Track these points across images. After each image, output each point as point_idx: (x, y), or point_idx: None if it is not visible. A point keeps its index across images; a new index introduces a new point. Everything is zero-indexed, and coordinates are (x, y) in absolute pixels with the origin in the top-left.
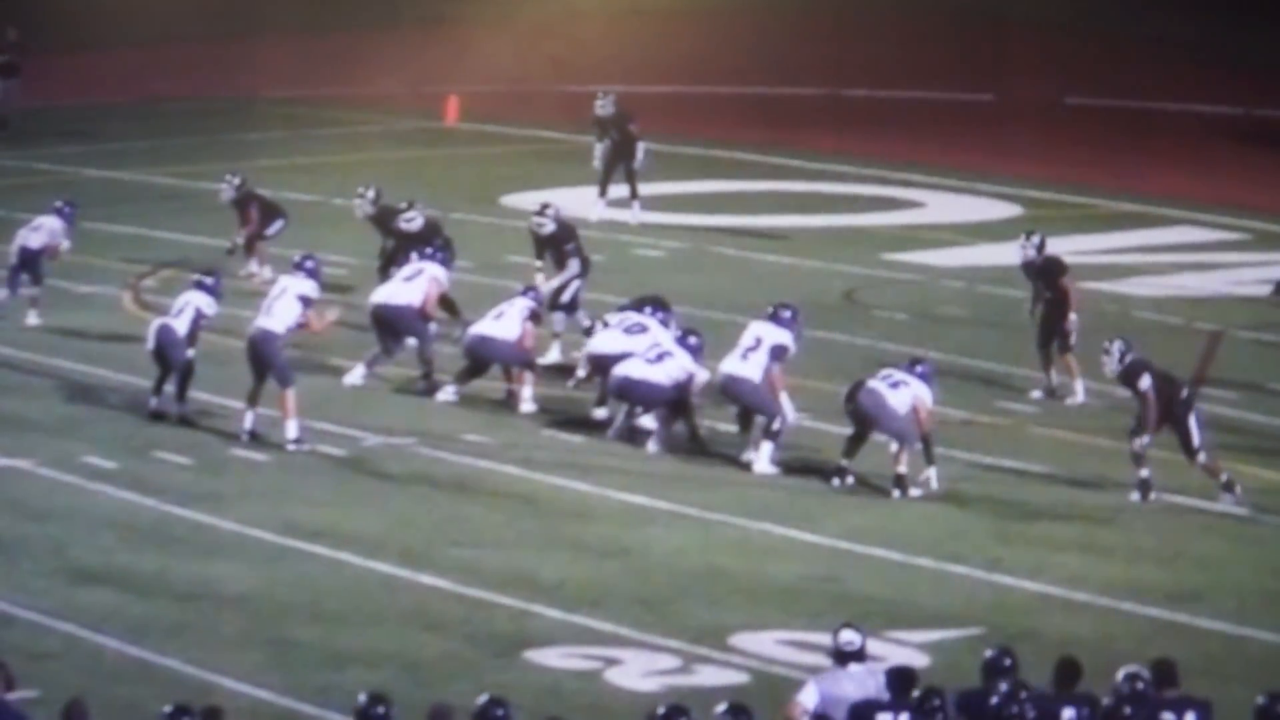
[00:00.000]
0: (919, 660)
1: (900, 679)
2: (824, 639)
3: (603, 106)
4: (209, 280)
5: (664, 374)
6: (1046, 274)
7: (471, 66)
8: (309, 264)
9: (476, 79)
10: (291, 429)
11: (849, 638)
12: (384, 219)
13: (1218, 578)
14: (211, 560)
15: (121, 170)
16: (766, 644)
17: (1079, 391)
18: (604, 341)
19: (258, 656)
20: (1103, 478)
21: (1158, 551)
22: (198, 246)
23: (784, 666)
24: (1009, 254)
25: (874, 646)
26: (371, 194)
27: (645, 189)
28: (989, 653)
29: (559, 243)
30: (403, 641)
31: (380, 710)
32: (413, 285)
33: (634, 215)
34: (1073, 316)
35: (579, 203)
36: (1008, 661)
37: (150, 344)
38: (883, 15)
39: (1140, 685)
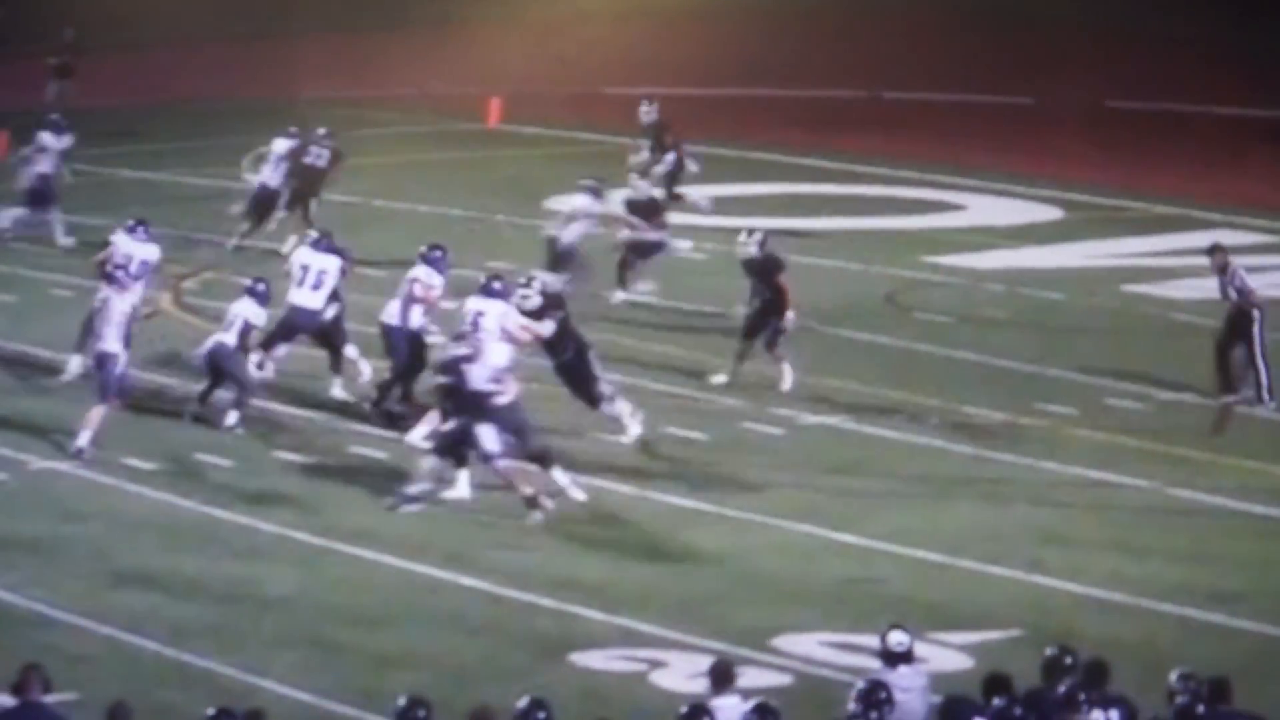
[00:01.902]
0: (962, 662)
1: (992, 685)
2: (866, 640)
3: (646, 114)
4: (259, 287)
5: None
6: (764, 272)
7: (503, 67)
8: (259, 287)
9: (512, 80)
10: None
11: (899, 639)
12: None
13: (1258, 578)
14: (252, 562)
15: (159, 171)
16: (809, 645)
17: (788, 379)
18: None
19: (299, 658)
20: (1140, 479)
21: (1196, 552)
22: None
23: (827, 668)
24: (1051, 257)
25: (917, 648)
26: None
27: (686, 190)
28: (1050, 651)
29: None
30: (444, 644)
31: (420, 714)
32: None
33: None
34: (790, 314)
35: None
36: (1069, 660)
37: (203, 360)
38: (921, 17)
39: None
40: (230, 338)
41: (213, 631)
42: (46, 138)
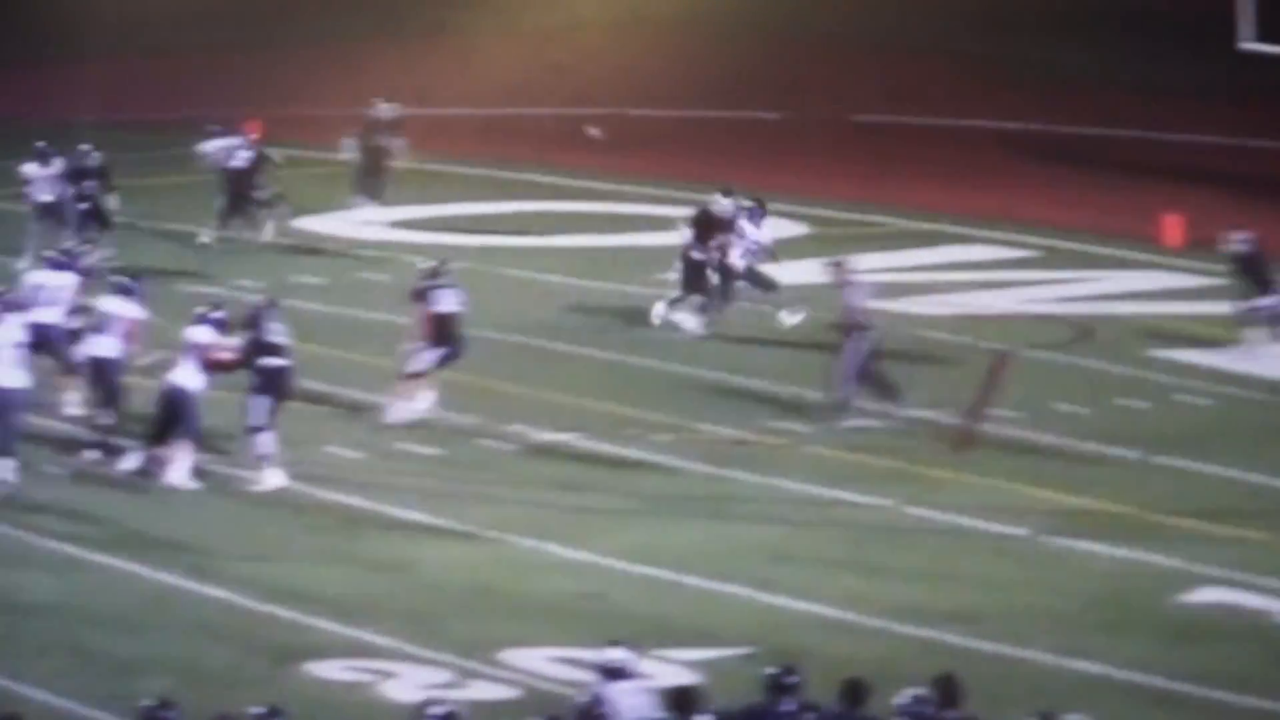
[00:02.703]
0: (688, 678)
1: (680, 698)
2: (593, 655)
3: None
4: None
5: None
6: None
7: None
8: (214, 316)
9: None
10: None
11: (618, 655)
12: None
13: (997, 599)
14: (11, 570)
15: None
16: (536, 660)
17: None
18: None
19: (57, 664)
20: (876, 497)
21: (935, 572)
22: None
23: (553, 683)
24: (793, 273)
25: (643, 664)
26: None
27: (420, 210)
28: (772, 669)
29: None
30: (190, 651)
31: (167, 715)
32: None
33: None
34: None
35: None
36: (793, 679)
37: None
38: (666, 35)
39: (925, 708)
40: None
41: None
42: (31, 168)
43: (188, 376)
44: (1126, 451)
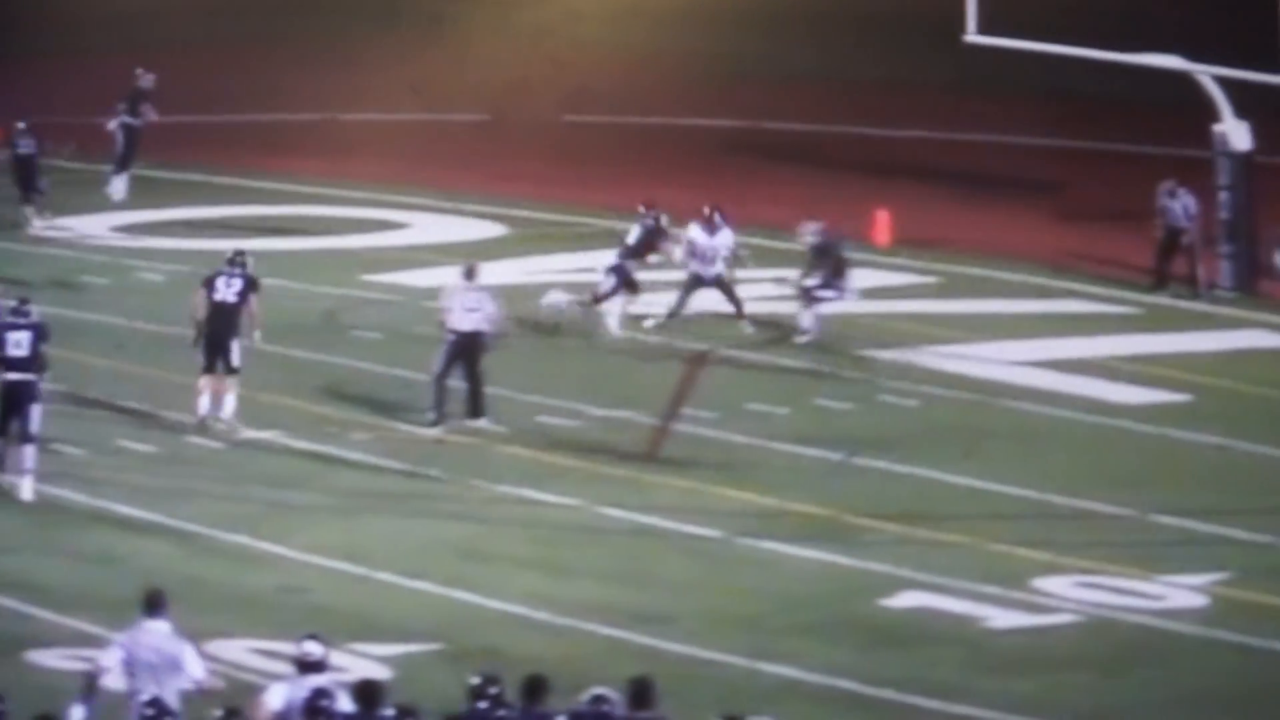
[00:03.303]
0: (380, 673)
1: (365, 692)
2: (291, 648)
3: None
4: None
5: None
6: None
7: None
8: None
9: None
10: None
11: (310, 649)
12: None
13: (689, 600)
14: None
15: None
16: (238, 651)
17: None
18: None
19: None
20: (569, 497)
21: (627, 572)
22: None
23: (253, 674)
24: (489, 274)
25: (338, 658)
26: None
27: (140, 215)
28: (475, 679)
29: None
30: None
31: None
32: None
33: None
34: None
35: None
36: (494, 689)
37: None
38: (369, 40)
39: (606, 707)
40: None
41: None
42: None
43: None
44: (826, 453)
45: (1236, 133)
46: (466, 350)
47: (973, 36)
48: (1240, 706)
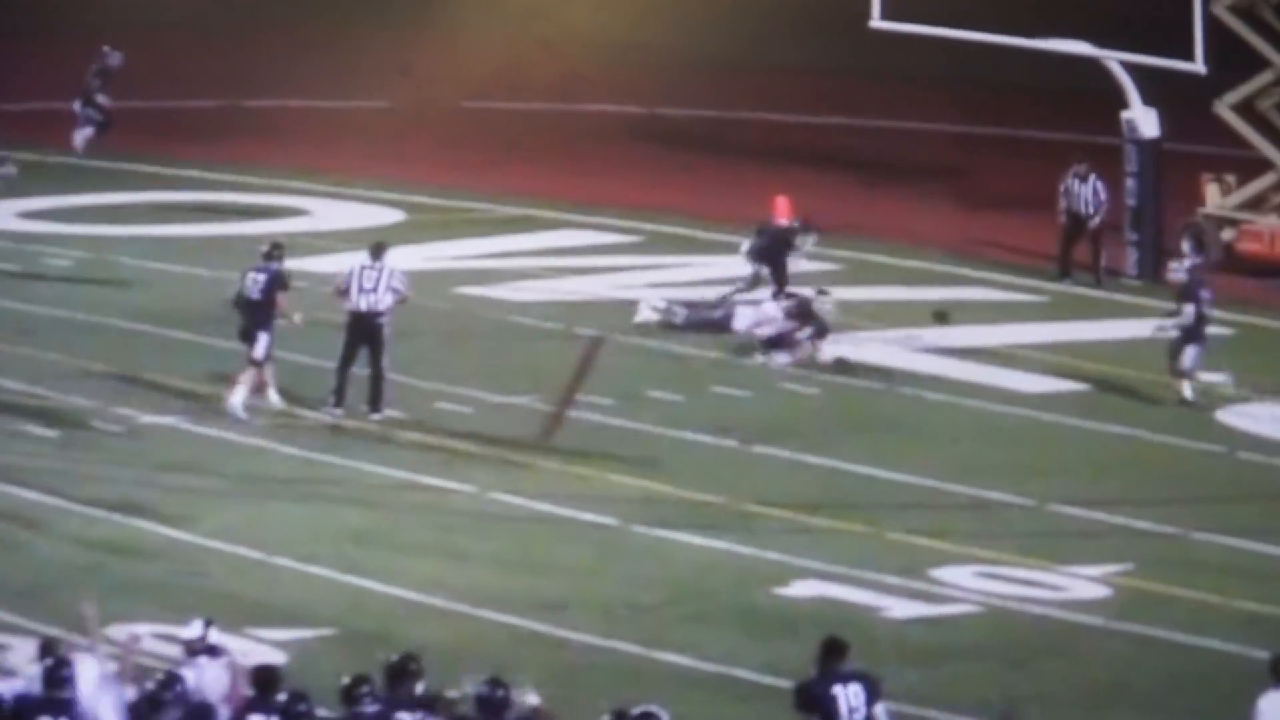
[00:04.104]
0: (275, 657)
1: (264, 677)
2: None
3: None
4: None
5: None
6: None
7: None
8: None
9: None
10: None
11: (200, 633)
12: None
13: (583, 587)
14: None
15: None
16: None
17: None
18: None
19: None
20: (465, 483)
21: (520, 558)
22: None
23: (149, 658)
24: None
25: (232, 643)
26: None
27: (46, 202)
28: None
29: None
30: None
31: None
32: None
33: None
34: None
35: None
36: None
37: None
38: (275, 25)
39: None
40: None
41: None
42: None
43: None
44: (723, 441)
45: (1145, 120)
46: (365, 333)
47: (878, 22)
48: (1142, 698)
